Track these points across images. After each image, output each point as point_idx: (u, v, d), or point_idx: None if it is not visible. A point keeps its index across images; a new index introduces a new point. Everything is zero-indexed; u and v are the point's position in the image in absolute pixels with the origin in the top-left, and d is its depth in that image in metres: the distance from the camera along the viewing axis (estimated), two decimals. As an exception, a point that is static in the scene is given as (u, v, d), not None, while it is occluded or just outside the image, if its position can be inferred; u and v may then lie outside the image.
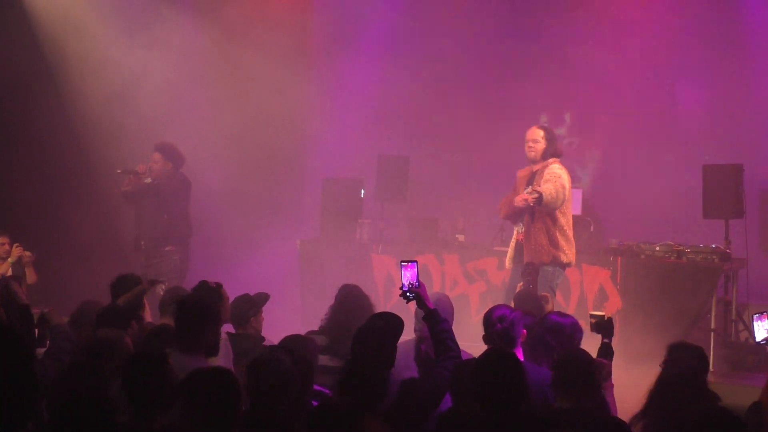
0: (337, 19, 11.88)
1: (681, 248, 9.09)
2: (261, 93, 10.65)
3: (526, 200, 7.60)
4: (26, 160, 9.78)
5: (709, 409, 3.78)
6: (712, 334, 8.63)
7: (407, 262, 4.97)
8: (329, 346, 5.37)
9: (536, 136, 8.00)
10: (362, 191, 10.69)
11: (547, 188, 7.67)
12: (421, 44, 11.48)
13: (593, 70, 11.19)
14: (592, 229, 9.86)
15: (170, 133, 9.99)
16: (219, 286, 5.76)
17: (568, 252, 7.88)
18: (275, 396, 4.03)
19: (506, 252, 8.88)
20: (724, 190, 9.31)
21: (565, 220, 7.95)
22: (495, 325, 4.89)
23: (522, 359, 4.76)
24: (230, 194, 10.32)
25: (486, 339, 4.86)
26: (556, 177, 7.79)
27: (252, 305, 5.84)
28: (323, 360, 5.21)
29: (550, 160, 7.96)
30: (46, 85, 9.99)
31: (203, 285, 5.77)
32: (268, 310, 6.02)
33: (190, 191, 9.26)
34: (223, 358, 4.88)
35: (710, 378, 4.85)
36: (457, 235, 10.23)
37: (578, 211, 9.77)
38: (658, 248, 9.18)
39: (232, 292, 5.80)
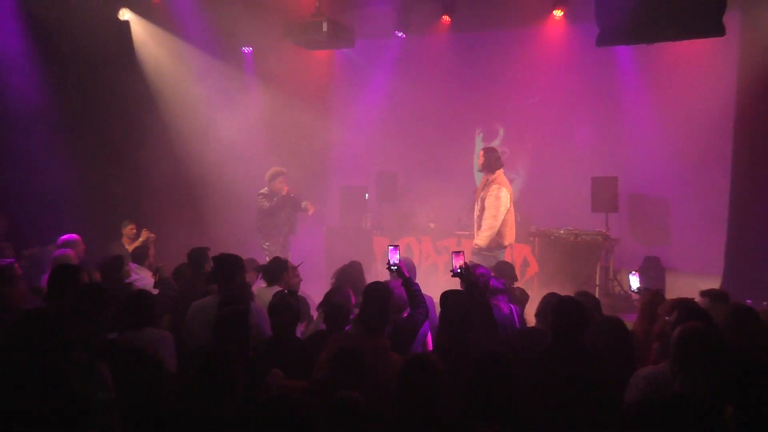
0: (350, 73, 11.82)
1: (577, 231, 9.10)
2: (297, 126, 10.58)
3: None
4: (142, 173, 9.67)
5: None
6: (597, 288, 8.73)
7: (393, 246, 5.03)
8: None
9: (480, 155, 7.73)
10: (366, 195, 10.85)
11: (482, 238, 7.46)
12: (405, 92, 11.30)
13: (520, 107, 11.21)
14: (519, 219, 9.36)
15: (237, 157, 10.11)
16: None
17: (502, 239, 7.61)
18: (290, 327, 4.30)
19: (463, 234, 9.31)
20: (604, 193, 9.44)
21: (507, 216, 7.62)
22: (478, 278, 4.96)
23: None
24: None
25: (468, 285, 4.79)
26: (492, 204, 7.47)
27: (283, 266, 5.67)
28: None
29: (494, 174, 7.56)
30: (153, 119, 9.88)
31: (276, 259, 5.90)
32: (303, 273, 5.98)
33: None
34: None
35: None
36: (429, 223, 10.28)
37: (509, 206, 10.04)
38: (562, 231, 9.19)
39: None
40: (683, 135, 9.69)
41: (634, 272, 5.56)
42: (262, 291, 5.44)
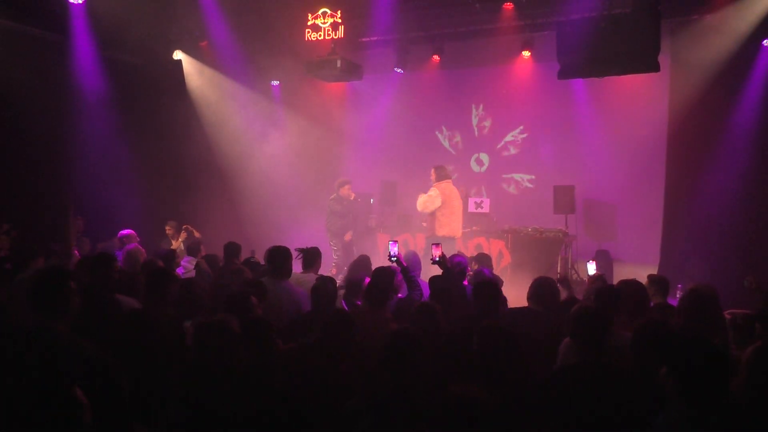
0: (359, 102, 11.86)
1: (542, 229, 9.10)
2: (317, 144, 10.65)
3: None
4: (191, 184, 9.58)
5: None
6: (557, 276, 8.72)
7: (393, 241, 5.16)
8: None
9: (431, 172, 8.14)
10: (372, 200, 10.83)
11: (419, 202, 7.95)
12: (403, 116, 11.44)
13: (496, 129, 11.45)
14: (495, 219, 9.99)
15: (269, 170, 10.23)
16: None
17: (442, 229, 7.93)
18: (330, 303, 4.21)
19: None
20: (564, 198, 9.52)
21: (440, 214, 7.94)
22: (455, 265, 5.12)
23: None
24: (301, 203, 10.32)
25: (444, 270, 4.91)
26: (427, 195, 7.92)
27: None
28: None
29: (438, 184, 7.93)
30: (201, 140, 9.88)
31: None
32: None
33: None
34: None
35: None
36: (423, 223, 9.90)
37: (488, 210, 9.91)
38: (530, 229, 9.17)
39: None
40: (627, 151, 9.87)
41: (591, 260, 5.59)
42: (296, 275, 5.36)
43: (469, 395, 2.20)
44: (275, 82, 10.93)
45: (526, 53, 9.78)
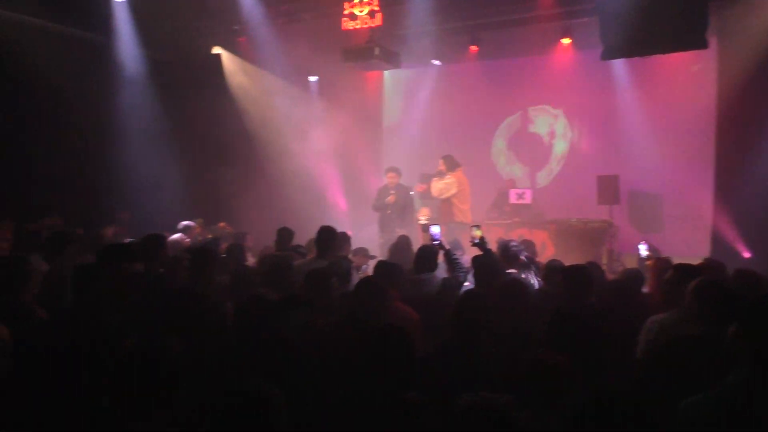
0: (397, 95, 11.86)
1: (586, 220, 9.00)
2: (353, 137, 10.54)
3: None
4: (231, 175, 9.62)
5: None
6: (604, 266, 8.26)
7: (435, 226, 5.19)
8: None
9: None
10: (412, 192, 10.03)
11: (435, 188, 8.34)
12: (442, 106, 11.31)
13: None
14: (536, 210, 9.76)
15: (307, 160, 10.30)
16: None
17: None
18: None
19: (492, 223, 9.22)
20: (608, 189, 9.26)
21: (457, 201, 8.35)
22: (510, 249, 5.04)
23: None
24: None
25: (482, 250, 4.95)
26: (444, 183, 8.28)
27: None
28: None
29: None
30: (240, 132, 10.03)
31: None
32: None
33: None
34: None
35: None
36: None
37: (530, 200, 9.66)
38: (574, 220, 9.09)
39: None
40: (673, 138, 9.51)
41: (642, 242, 5.47)
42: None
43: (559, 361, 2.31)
44: (313, 78, 10.94)
45: (566, 40, 9.58)
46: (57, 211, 7.37)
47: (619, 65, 9.45)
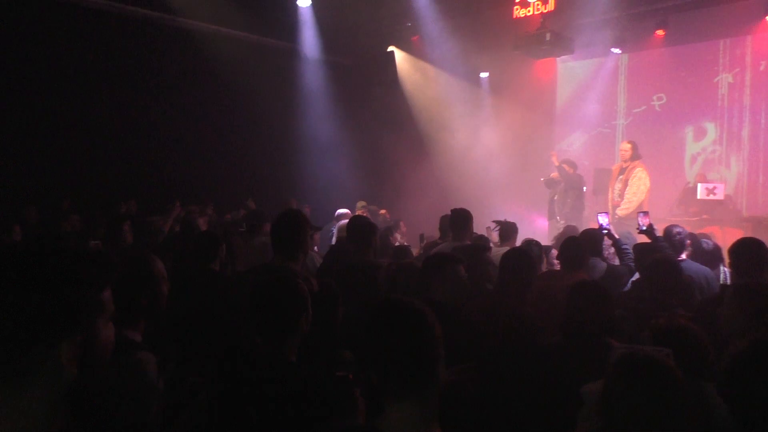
0: (571, 85, 11.28)
1: None
2: (525, 130, 10.29)
3: None
4: (401, 169, 9.85)
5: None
6: None
7: (603, 212, 4.97)
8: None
9: (625, 147, 8.14)
10: (584, 188, 9.32)
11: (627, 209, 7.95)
12: (620, 96, 10.74)
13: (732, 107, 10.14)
14: (731, 207, 9.00)
15: (476, 155, 10.33)
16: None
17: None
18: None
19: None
20: None
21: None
22: (675, 236, 4.64)
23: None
24: (512, 191, 10.12)
25: (651, 239, 4.65)
26: (638, 181, 7.94)
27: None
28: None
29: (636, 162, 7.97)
30: (412, 127, 10.43)
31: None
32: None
33: None
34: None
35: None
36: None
37: (722, 196, 8.61)
38: None
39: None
40: None
41: None
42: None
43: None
44: (484, 74, 10.90)
45: (773, 16, 8.50)
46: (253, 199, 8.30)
47: None
